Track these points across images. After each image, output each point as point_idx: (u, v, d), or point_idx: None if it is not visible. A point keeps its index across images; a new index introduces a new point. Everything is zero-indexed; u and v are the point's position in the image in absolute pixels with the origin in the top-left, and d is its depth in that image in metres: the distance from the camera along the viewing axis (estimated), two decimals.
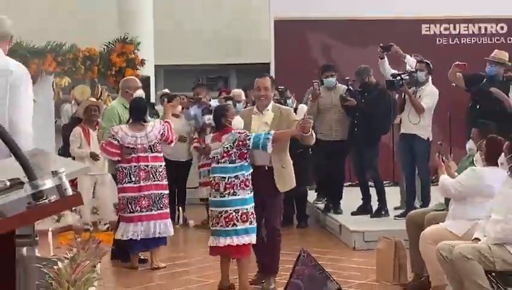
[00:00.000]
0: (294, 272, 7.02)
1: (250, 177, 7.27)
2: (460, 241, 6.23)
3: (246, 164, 7.27)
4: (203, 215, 11.14)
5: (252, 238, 7.23)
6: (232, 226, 7.16)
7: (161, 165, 8.58)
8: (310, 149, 11.23)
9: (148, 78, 12.10)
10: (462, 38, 14.76)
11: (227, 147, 7.22)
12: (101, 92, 11.29)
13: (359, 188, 11.02)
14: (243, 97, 11.71)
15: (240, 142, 7.20)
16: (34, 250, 2.34)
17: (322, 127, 11.01)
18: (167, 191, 8.65)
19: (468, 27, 14.79)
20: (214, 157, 7.34)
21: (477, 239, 6.10)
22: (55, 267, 6.13)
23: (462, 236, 6.48)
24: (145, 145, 8.42)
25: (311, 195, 12.04)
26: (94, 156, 10.47)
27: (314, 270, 6.94)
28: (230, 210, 7.17)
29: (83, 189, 10.38)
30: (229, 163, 7.23)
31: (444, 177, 6.91)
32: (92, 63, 11.34)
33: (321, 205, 11.74)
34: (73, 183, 10.57)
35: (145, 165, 8.43)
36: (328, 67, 11.32)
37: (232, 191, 7.18)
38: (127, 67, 11.48)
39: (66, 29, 14.28)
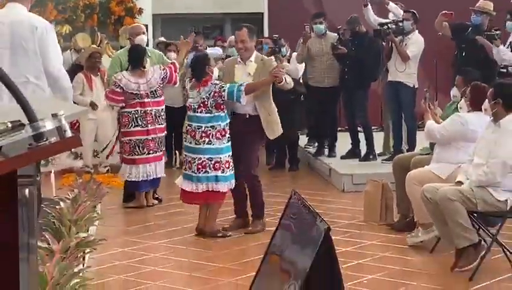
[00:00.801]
0: (285, 213, 7.35)
1: (227, 127, 7.37)
2: (444, 184, 6.37)
3: (223, 114, 7.34)
4: None
5: (222, 187, 7.36)
6: (204, 173, 7.31)
7: (162, 109, 8.90)
8: (301, 96, 11.60)
9: (145, 26, 12.29)
10: None
11: (203, 98, 7.29)
12: (100, 40, 11.47)
13: (348, 133, 11.35)
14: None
15: (216, 93, 7.27)
16: (35, 190, 2.32)
17: (313, 74, 11.36)
18: (164, 134, 8.98)
19: None
20: (191, 105, 7.43)
21: (460, 182, 6.25)
22: (57, 207, 6.44)
23: (445, 179, 6.64)
24: (147, 91, 8.71)
25: (302, 140, 12.34)
26: (93, 105, 10.67)
27: (304, 211, 7.26)
28: (204, 158, 7.32)
29: (85, 132, 10.69)
30: (205, 113, 7.32)
31: (429, 123, 7.03)
32: (91, 12, 11.52)
33: (312, 150, 12.10)
34: (75, 127, 10.92)
35: (150, 110, 8.75)
36: (317, 14, 11.53)
37: (207, 140, 7.30)
38: (125, 16, 11.70)
39: None
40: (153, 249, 7.07)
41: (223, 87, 7.31)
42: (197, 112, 7.37)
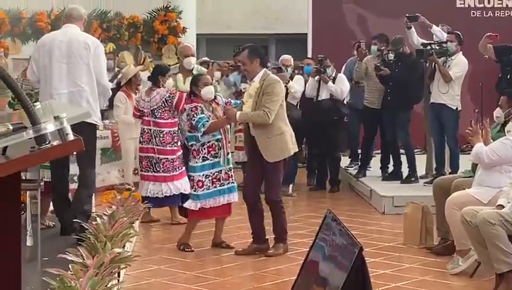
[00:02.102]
0: (320, 232, 7.31)
1: (201, 147, 7.53)
2: (485, 207, 6.28)
3: (198, 134, 7.47)
4: (240, 178, 11.40)
5: (192, 205, 7.64)
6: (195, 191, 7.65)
7: (163, 131, 8.91)
8: (345, 117, 11.57)
9: None
10: (496, 12, 14.79)
11: (185, 117, 7.67)
12: (144, 58, 11.55)
13: (385, 154, 11.29)
14: (291, 62, 11.71)
15: (189, 117, 7.53)
16: (38, 194, 2.41)
17: (367, 94, 11.36)
18: (171, 156, 8.93)
19: (502, 1, 14.86)
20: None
21: (501, 206, 6.16)
22: (94, 222, 6.47)
23: (486, 203, 6.53)
24: (148, 110, 8.90)
25: (343, 160, 12.23)
26: (128, 121, 10.79)
27: (338, 230, 7.22)
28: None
29: (127, 151, 10.83)
30: (188, 132, 7.72)
31: (478, 145, 6.86)
32: (135, 30, 11.63)
33: (353, 171, 12.06)
34: (117, 145, 11.02)
35: (148, 129, 8.94)
36: (376, 35, 11.53)
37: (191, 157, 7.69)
38: (169, 35, 11.78)
39: None
40: (188, 267, 7.06)
41: (196, 115, 7.47)
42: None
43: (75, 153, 1.94)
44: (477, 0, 14.83)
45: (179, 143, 9.01)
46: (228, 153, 7.68)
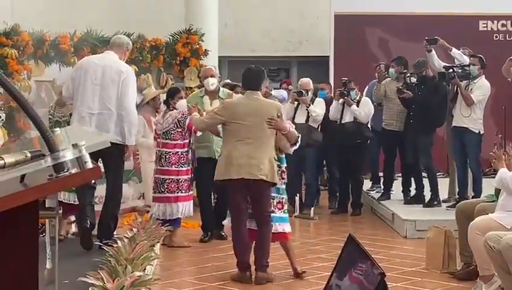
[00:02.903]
0: (341, 256, 7.28)
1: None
2: (508, 233, 6.20)
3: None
4: None
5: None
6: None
7: (169, 152, 8.96)
8: (368, 140, 11.55)
9: None
10: None
11: None
12: (166, 81, 11.60)
13: (412, 177, 11.21)
14: (310, 86, 11.71)
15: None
16: (57, 222, 2.44)
17: (385, 116, 11.35)
18: (176, 177, 8.95)
19: None
20: None
21: None
22: (114, 245, 6.48)
23: (510, 228, 6.44)
24: (160, 131, 9.04)
25: (365, 183, 12.22)
26: (148, 145, 10.84)
27: (360, 255, 7.17)
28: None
29: (146, 173, 10.81)
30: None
31: (503, 171, 6.79)
32: (158, 52, 11.67)
33: (375, 194, 12.02)
34: (138, 168, 11.04)
35: (157, 150, 9.11)
36: (395, 58, 11.54)
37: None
38: (191, 57, 11.81)
39: (134, 20, 14.71)
40: None
41: None
42: None
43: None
44: (500, 23, 14.82)
45: (189, 165, 9.05)
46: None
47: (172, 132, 8.98)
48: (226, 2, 15.46)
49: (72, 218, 10.18)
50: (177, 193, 8.95)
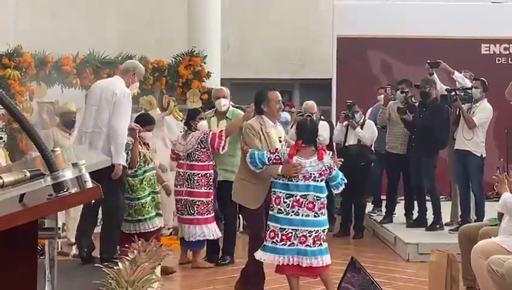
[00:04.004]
0: (343, 279, 7.25)
1: None
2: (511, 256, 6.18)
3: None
4: None
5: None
6: (319, 245, 7.01)
7: (198, 174, 9.01)
8: (371, 163, 11.54)
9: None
10: None
11: (325, 166, 6.97)
12: (168, 103, 11.60)
13: (415, 201, 11.19)
14: (315, 109, 11.73)
15: (329, 168, 7.04)
16: (56, 243, 2.39)
17: (389, 139, 11.35)
18: (206, 199, 9.02)
19: None
20: (311, 174, 6.97)
21: None
22: (115, 267, 6.43)
23: None
24: (184, 153, 9.07)
25: (367, 206, 12.22)
26: (162, 168, 10.91)
27: (362, 279, 7.14)
28: (320, 229, 7.01)
29: None
30: (320, 182, 7.02)
31: (507, 195, 6.80)
32: (160, 74, 11.68)
33: (377, 217, 11.99)
34: None
35: (183, 171, 9.10)
36: (402, 81, 11.52)
37: (324, 211, 7.03)
38: (193, 79, 11.82)
39: (137, 41, 14.76)
40: None
41: (333, 165, 7.07)
42: (317, 180, 7.00)
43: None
44: (502, 47, 14.85)
45: (212, 187, 9.12)
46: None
47: (198, 153, 9.01)
48: (229, 25, 15.51)
49: (73, 240, 10.18)
50: (207, 214, 9.03)
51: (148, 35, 16.13)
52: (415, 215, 11.20)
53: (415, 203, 11.23)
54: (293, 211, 6.91)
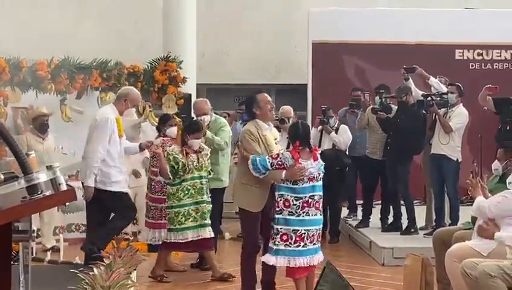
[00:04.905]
0: (319, 283, 7.29)
1: None
2: (485, 260, 6.24)
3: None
4: (238, 229, 11.36)
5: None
6: (319, 243, 7.23)
7: (153, 179, 9.67)
8: (347, 167, 11.56)
9: (189, 95, 12.40)
10: (495, 64, 14.91)
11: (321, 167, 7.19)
12: (143, 108, 11.58)
13: (383, 205, 11.31)
14: (292, 114, 11.70)
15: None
16: (30, 245, 2.38)
17: (369, 144, 11.41)
18: (160, 204, 9.54)
19: (500, 53, 14.97)
20: (314, 175, 7.15)
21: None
22: (90, 273, 6.41)
23: (486, 255, 6.46)
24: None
25: (343, 211, 12.22)
26: (136, 174, 10.93)
27: (338, 282, 7.18)
28: (319, 228, 7.26)
29: None
30: (320, 180, 7.24)
31: (480, 199, 6.88)
32: (135, 80, 11.61)
33: (352, 221, 12.02)
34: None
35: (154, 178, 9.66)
36: (380, 86, 11.58)
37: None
38: (169, 85, 11.79)
39: (112, 47, 14.72)
40: None
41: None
42: (319, 180, 7.20)
43: None
44: (476, 52, 14.96)
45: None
46: None
47: (154, 160, 9.36)
48: (205, 29, 15.51)
49: (48, 245, 10.15)
50: (162, 219, 9.32)
51: (123, 41, 16.09)
52: (390, 219, 11.24)
53: (391, 207, 11.27)
54: (303, 212, 7.06)
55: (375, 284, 8.49)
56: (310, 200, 7.09)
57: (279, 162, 7.02)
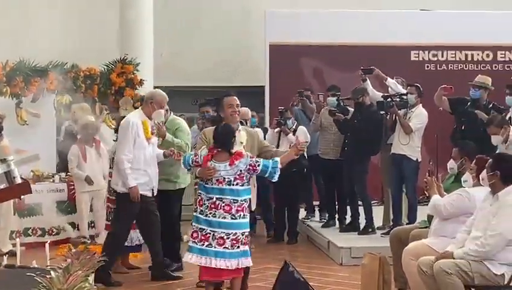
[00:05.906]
0: (277, 283, 7.31)
1: None
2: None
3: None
4: None
5: (249, 261, 7.26)
6: (237, 248, 7.08)
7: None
8: (304, 169, 11.58)
9: None
10: (450, 65, 15.12)
11: (241, 170, 7.09)
12: (100, 111, 11.53)
13: (348, 206, 11.31)
14: (249, 115, 11.75)
15: (251, 167, 7.12)
16: None
17: (321, 145, 11.45)
18: None
19: (455, 54, 15.18)
20: (224, 178, 7.11)
21: (448, 252, 6.25)
22: (48, 276, 6.36)
23: (442, 253, 6.43)
24: None
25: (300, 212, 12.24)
26: (88, 181, 10.84)
27: (296, 281, 7.21)
28: (239, 232, 7.09)
29: (81, 203, 10.85)
30: (241, 186, 7.14)
31: (436, 198, 6.99)
32: (92, 82, 11.56)
33: (310, 223, 12.07)
34: (73, 197, 10.98)
35: None
36: (331, 87, 11.63)
37: (242, 214, 7.11)
38: (126, 87, 11.75)
39: (69, 49, 14.59)
40: None
41: (258, 161, 7.20)
42: (233, 184, 7.13)
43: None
44: (431, 53, 15.13)
45: None
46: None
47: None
48: (162, 32, 15.46)
49: (5, 250, 10.05)
50: None
51: (80, 43, 15.96)
52: (348, 220, 11.30)
53: (348, 208, 11.34)
54: (210, 213, 7.11)
55: (333, 284, 8.53)
56: (218, 202, 7.09)
57: (197, 160, 7.24)
